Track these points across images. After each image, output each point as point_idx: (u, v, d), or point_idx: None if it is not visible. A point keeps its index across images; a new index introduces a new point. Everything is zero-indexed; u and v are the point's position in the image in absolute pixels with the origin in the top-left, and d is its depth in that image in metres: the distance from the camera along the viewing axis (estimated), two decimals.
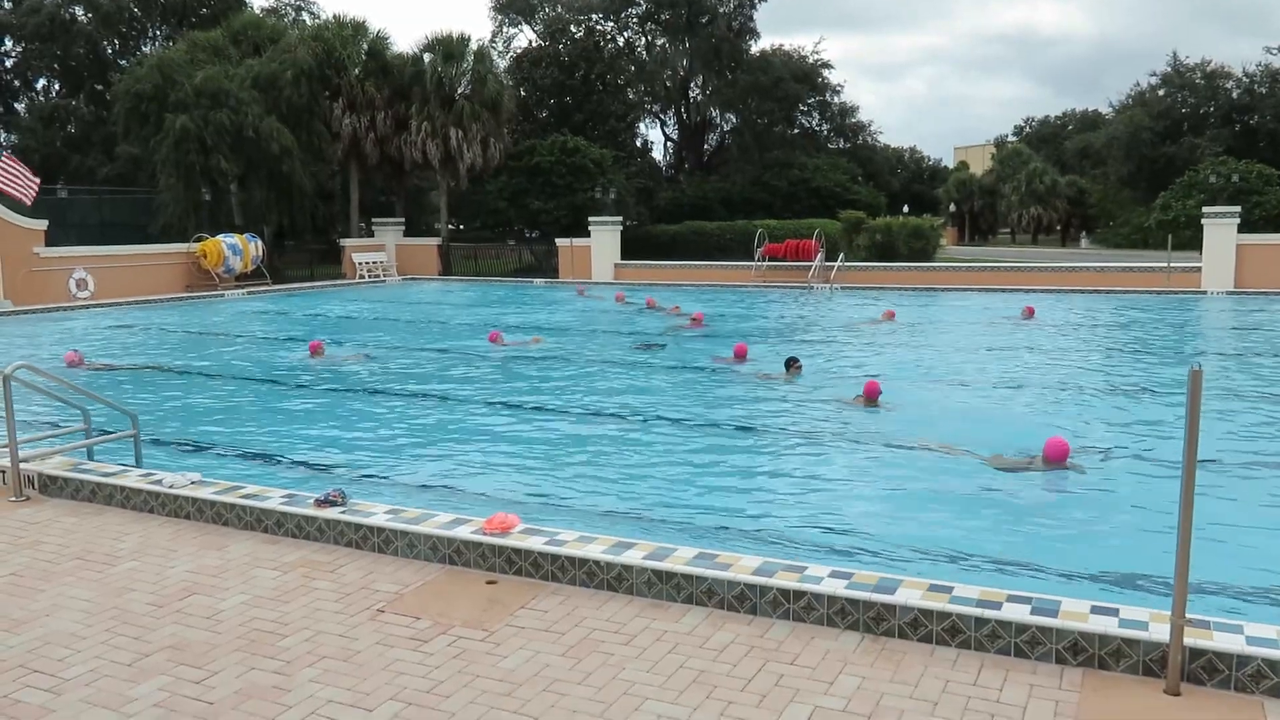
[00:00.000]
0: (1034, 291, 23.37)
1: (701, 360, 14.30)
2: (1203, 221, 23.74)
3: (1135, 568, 5.78)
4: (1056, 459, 7.87)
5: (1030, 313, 18.99)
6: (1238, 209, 23.88)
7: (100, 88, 41.58)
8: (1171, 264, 23.65)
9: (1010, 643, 4.37)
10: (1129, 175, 58.72)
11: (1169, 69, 59.85)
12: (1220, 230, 23.07)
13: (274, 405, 11.80)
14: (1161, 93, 59.74)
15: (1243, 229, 23.37)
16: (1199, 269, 23.34)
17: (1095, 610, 4.42)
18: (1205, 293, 22.47)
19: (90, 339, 17.97)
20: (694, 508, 7.22)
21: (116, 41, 43.77)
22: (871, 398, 10.41)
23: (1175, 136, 55.88)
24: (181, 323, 20.77)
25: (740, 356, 13.68)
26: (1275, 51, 56.33)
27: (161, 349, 16.97)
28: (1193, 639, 4.07)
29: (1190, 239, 31.29)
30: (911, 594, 4.63)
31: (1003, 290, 23.99)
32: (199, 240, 27.01)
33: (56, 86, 44.63)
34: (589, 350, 15.67)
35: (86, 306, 23.19)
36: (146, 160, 30.52)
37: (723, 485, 7.93)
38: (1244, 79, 56.70)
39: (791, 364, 12.32)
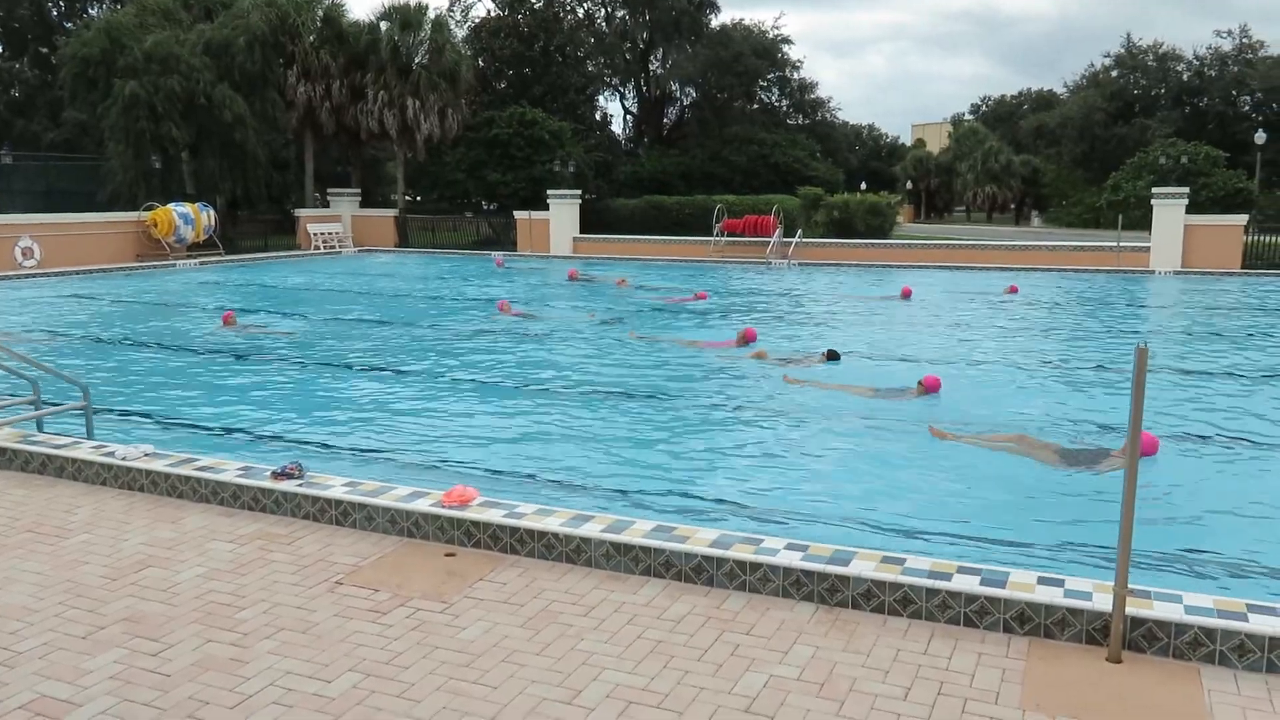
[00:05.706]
0: (986, 269, 23.72)
1: (681, 335, 14.25)
2: (1152, 202, 24.16)
3: (1081, 539, 5.94)
4: (1149, 452, 7.49)
5: (1013, 290, 19.54)
6: (1186, 190, 24.34)
7: (45, 51, 40.39)
8: (1121, 244, 24.07)
9: (960, 613, 4.48)
10: (1081, 155, 59.63)
11: (1122, 50, 60.70)
12: (1169, 211, 23.51)
13: (227, 377, 11.65)
14: (1114, 74, 60.62)
15: (1191, 210, 23.84)
16: (1148, 249, 23.78)
17: (1042, 581, 4.55)
18: (1153, 272, 22.91)
19: (34, 309, 17.59)
20: (652, 480, 7.27)
21: (62, 3, 42.54)
22: (931, 391, 10.08)
23: (1127, 118, 56.78)
24: (131, 292, 20.38)
25: (747, 341, 13.03)
26: (1225, 35, 57.37)
27: (109, 319, 16.66)
28: (1134, 609, 4.21)
29: (1140, 219, 31.83)
30: (865, 566, 4.73)
31: (956, 268, 24.31)
32: (149, 209, 26.46)
33: (0, 49, 43.32)
34: (554, 324, 15.64)
35: (33, 275, 22.66)
36: (94, 126, 29.77)
37: (681, 459, 7.98)
38: (1194, 62, 57.68)
39: (830, 354, 12.08)
